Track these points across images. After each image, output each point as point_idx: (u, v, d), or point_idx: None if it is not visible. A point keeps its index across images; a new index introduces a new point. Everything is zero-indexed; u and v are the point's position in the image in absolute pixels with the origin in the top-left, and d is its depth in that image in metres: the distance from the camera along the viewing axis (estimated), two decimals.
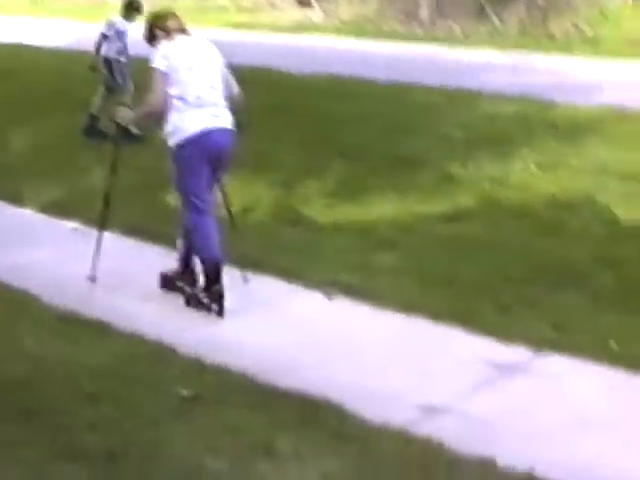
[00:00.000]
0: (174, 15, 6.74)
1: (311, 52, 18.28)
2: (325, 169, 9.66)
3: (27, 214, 8.77)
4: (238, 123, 6.60)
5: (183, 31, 6.61)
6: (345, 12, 23.45)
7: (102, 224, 7.08)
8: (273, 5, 24.41)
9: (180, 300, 6.63)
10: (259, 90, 13.38)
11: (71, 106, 12.22)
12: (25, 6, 28.36)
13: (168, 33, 6.54)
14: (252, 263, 7.20)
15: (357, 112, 11.53)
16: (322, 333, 6.16)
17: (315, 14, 23.59)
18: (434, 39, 19.70)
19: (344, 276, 6.99)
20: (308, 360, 5.72)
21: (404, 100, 12.92)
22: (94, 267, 6.91)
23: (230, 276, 6.66)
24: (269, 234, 8.05)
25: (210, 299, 6.47)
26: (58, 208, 8.62)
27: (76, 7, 27.38)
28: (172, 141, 6.42)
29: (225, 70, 6.66)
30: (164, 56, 6.38)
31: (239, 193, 8.93)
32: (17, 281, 6.81)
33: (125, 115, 6.85)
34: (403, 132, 10.85)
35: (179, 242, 6.77)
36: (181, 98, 6.34)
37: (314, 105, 12.75)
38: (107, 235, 7.16)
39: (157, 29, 6.61)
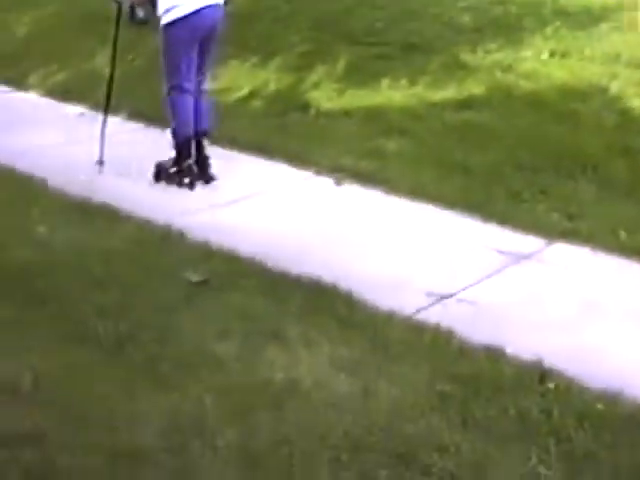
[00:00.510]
0: None
1: None
2: (334, 54, 9.44)
3: (33, 98, 8.67)
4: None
5: None
6: None
7: (106, 108, 6.98)
8: None
9: (197, 189, 6.59)
10: None
11: None
12: None
13: None
14: (259, 148, 7.13)
15: None
16: (331, 219, 6.12)
17: None
18: None
19: (353, 162, 6.93)
20: (317, 246, 5.67)
21: None
22: (101, 152, 6.81)
23: (237, 160, 6.57)
24: (277, 119, 7.93)
25: (182, 173, 6.60)
26: (64, 92, 8.52)
27: None
28: (165, 19, 6.40)
29: None
30: None
31: (247, 77, 8.89)
32: (25, 166, 6.74)
33: None
34: (412, 18, 10.56)
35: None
36: None
37: None
38: (114, 120, 7.04)
39: None
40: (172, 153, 6.69)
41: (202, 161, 6.72)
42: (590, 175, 6.66)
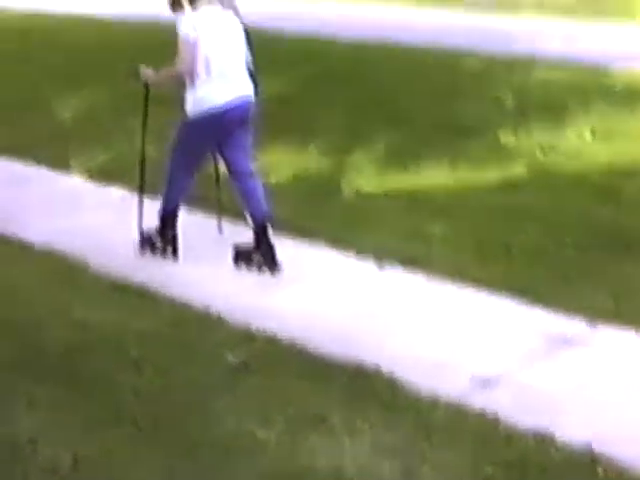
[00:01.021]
0: None
1: (360, 19, 18.02)
2: (375, 136, 9.49)
3: (74, 180, 8.72)
4: (256, 89, 6.63)
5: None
6: None
7: (140, 188, 6.97)
8: None
9: (228, 266, 6.53)
10: (309, 57, 13.33)
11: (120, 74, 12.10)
12: None
13: (192, 1, 6.42)
14: (301, 231, 7.10)
15: (408, 78, 11.35)
16: (373, 302, 6.04)
17: None
18: (480, 7, 19.29)
19: (395, 245, 6.87)
20: (359, 329, 5.59)
21: (454, 66, 12.66)
22: (139, 232, 6.83)
23: (279, 243, 6.55)
24: (318, 202, 7.91)
25: (165, 243, 6.68)
26: (104, 174, 8.57)
27: None
28: (191, 109, 6.44)
29: (245, 38, 6.61)
30: (192, 25, 6.33)
31: (287, 160, 8.90)
32: (66, 247, 6.75)
33: (147, 74, 6.65)
34: (454, 99, 10.65)
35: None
36: (206, 68, 6.34)
37: (365, 71, 12.56)
38: (155, 203, 7.04)
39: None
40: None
41: (268, 249, 6.58)
42: (636, 254, 6.56)
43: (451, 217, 7.42)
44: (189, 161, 6.65)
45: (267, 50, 12.43)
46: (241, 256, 6.64)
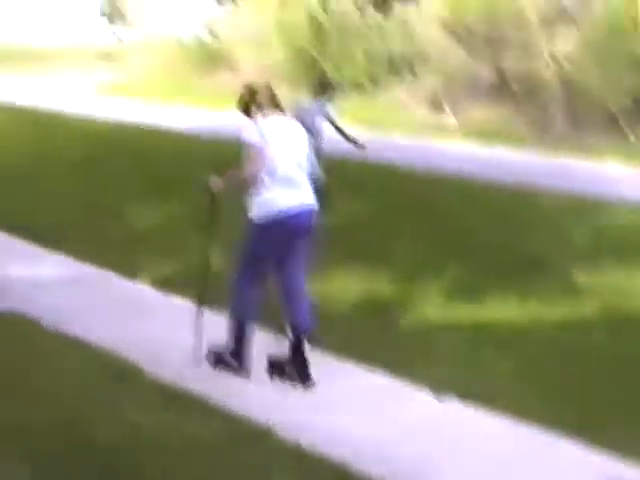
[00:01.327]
0: (268, 88, 6.82)
1: (439, 153, 18.19)
2: (445, 267, 9.42)
3: (139, 288, 8.79)
4: (320, 201, 6.79)
5: (276, 106, 6.73)
6: (476, 117, 23.33)
7: (200, 299, 6.99)
8: (405, 106, 24.42)
9: (290, 389, 6.48)
10: (384, 186, 13.41)
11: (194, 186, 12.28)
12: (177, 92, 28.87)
13: (261, 108, 6.67)
14: (361, 356, 7.02)
15: (482, 213, 11.34)
16: (428, 432, 5.90)
17: (446, 117, 23.55)
18: (564, 149, 19.40)
19: (457, 377, 6.72)
20: (411, 458, 5.46)
21: (531, 204, 12.68)
22: (197, 343, 6.79)
23: (338, 366, 6.48)
24: (381, 329, 7.84)
25: (237, 360, 6.61)
26: (171, 284, 8.61)
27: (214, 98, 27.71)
28: (254, 214, 6.56)
29: (310, 150, 6.90)
30: (258, 132, 6.52)
31: (354, 285, 8.88)
32: (124, 350, 6.74)
33: (215, 183, 6.74)
34: (528, 235, 10.60)
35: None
36: (269, 174, 6.48)
37: (439, 204, 12.61)
38: (218, 318, 7.05)
39: (251, 103, 6.72)
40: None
41: (301, 362, 6.61)
42: None
43: (514, 352, 7.27)
44: (252, 270, 6.66)
45: (349, 175, 12.61)
46: (274, 367, 6.64)
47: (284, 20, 28.20)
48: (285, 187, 6.53)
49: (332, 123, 11.13)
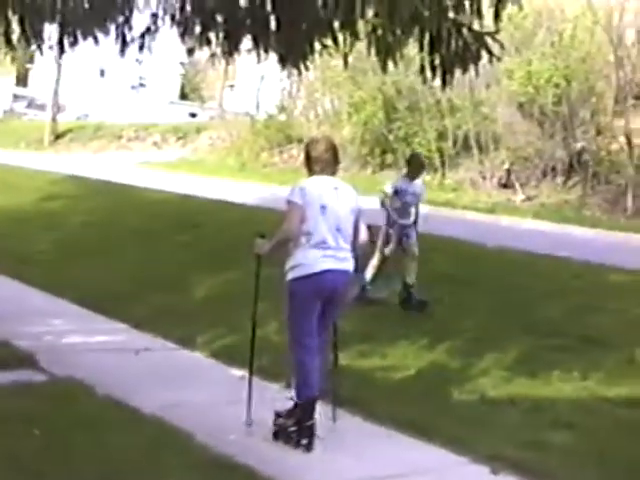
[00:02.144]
0: (328, 146, 6.84)
1: (508, 231, 18.10)
2: (507, 341, 9.34)
3: (196, 357, 8.82)
4: (357, 268, 6.87)
5: (332, 164, 6.75)
6: (547, 197, 23.22)
7: (250, 368, 7.01)
8: (475, 185, 24.39)
9: (344, 460, 6.38)
10: (451, 260, 13.35)
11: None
12: (234, 171, 29.30)
13: (317, 165, 6.72)
14: (417, 428, 6.92)
15: (548, 289, 11.22)
16: None
17: (516, 196, 23.46)
18: (637, 229, 19.19)
19: (513, 452, 6.60)
20: None
21: (598, 281, 12.51)
22: (248, 413, 6.75)
23: (394, 438, 6.37)
24: (439, 402, 7.74)
25: (300, 434, 6.46)
26: (227, 354, 8.59)
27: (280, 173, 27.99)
28: (290, 275, 6.59)
29: (357, 216, 6.80)
30: (302, 190, 6.59)
31: (414, 358, 8.81)
32: (175, 419, 6.68)
33: (261, 246, 6.72)
34: (593, 312, 10.44)
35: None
36: (307, 235, 6.54)
37: (506, 279, 12.51)
38: (274, 386, 7.02)
39: (309, 160, 6.80)
40: (289, 408, 6.64)
41: (309, 425, 6.54)
42: None
43: (576, 429, 7.13)
44: (298, 334, 6.63)
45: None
46: (281, 432, 6.58)
47: (356, 97, 28.42)
48: (320, 250, 6.53)
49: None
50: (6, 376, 7.32)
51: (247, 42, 9.75)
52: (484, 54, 8.46)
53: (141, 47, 9.20)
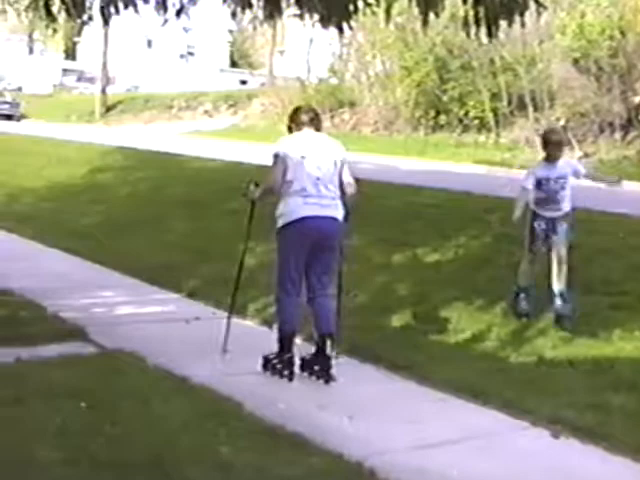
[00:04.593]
0: (309, 110, 7.68)
1: None
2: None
3: (247, 325, 8.87)
4: (347, 215, 7.30)
5: (314, 125, 7.43)
6: (605, 153, 22.88)
7: (231, 308, 7.88)
8: (531, 143, 24.07)
9: (387, 417, 6.39)
10: (509, 220, 13.12)
11: None
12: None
13: (299, 126, 7.42)
14: (474, 392, 6.84)
15: (605, 247, 10.96)
16: (544, 472, 5.67)
17: (573, 154, 23.12)
18: None
19: (574, 415, 6.49)
20: None
21: None
22: (225, 343, 7.61)
23: (449, 403, 6.28)
24: (496, 364, 7.64)
25: (282, 365, 7.17)
26: None
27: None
28: (278, 223, 7.23)
29: (345, 168, 7.37)
30: (284, 142, 7.33)
31: (470, 320, 8.72)
32: (225, 389, 6.63)
33: (253, 192, 7.48)
34: None
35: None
36: (289, 183, 7.13)
37: None
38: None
39: (291, 122, 7.51)
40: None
41: (323, 361, 7.16)
42: None
43: (637, 390, 6.96)
44: (282, 278, 7.24)
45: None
46: (305, 365, 7.26)
47: (407, 58, 28.20)
48: (301, 197, 7.09)
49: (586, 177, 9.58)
50: (55, 349, 7.32)
51: (291, 6, 9.61)
52: (531, 4, 8.23)
53: (179, 12, 9.02)
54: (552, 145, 8.98)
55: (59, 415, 5.76)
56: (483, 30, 8.43)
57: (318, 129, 7.46)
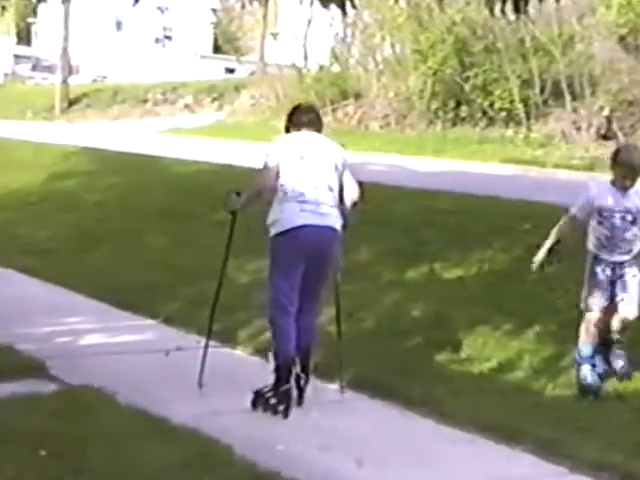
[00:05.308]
0: (309, 110, 7.96)
1: None
2: None
3: (237, 355, 8.97)
4: (345, 224, 7.46)
5: (314, 126, 7.64)
6: None
7: (208, 336, 7.93)
8: (568, 138, 24.14)
9: (402, 462, 6.41)
10: (543, 231, 13.18)
11: None
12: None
13: (297, 127, 7.65)
14: (505, 432, 6.86)
15: None
16: None
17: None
18: None
19: (622, 459, 6.53)
20: None
21: None
22: (201, 375, 7.71)
23: (477, 444, 6.46)
24: (529, 399, 7.72)
25: (278, 399, 7.21)
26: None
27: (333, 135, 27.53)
28: (271, 232, 7.35)
29: (347, 173, 7.54)
30: (279, 146, 7.50)
31: (497, 346, 8.77)
32: (212, 431, 6.65)
33: (234, 202, 7.53)
34: None
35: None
36: (284, 191, 7.30)
37: None
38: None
39: (289, 122, 7.75)
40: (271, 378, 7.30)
41: (296, 384, 7.29)
42: None
43: None
44: (276, 293, 7.34)
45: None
46: (259, 398, 7.30)
47: (422, 40, 28.21)
48: (297, 203, 7.26)
49: None
50: (8, 387, 7.34)
51: None
52: None
53: None
54: (628, 166, 7.91)
55: (12, 464, 5.79)
56: (510, 5, 8.46)
57: (319, 131, 7.67)
